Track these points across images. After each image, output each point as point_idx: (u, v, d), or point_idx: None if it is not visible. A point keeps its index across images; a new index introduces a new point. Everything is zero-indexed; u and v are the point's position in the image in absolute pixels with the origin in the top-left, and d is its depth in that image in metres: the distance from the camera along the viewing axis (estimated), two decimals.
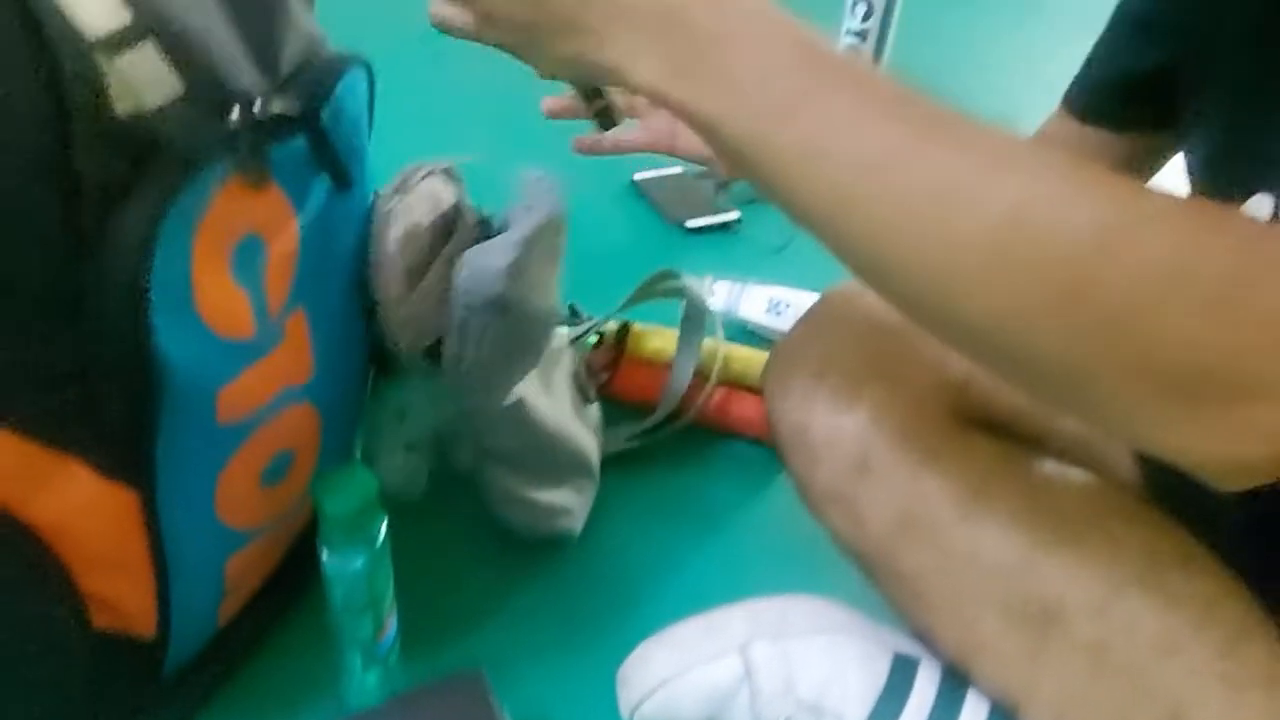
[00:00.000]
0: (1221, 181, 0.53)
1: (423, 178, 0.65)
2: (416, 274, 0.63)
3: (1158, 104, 0.60)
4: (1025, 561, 0.51)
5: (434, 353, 0.64)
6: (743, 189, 1.21)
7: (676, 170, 1.32)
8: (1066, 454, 0.58)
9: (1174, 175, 0.61)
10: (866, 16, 1.37)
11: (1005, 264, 0.35)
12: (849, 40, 1.39)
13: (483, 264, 0.60)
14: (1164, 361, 0.34)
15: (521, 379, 0.66)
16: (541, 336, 0.68)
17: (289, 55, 0.53)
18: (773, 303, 1.01)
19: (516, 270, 0.60)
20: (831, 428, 0.58)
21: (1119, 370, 0.34)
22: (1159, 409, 0.35)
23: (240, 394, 0.49)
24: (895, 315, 0.41)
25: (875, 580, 0.59)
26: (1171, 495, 0.55)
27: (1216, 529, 0.51)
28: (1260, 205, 0.47)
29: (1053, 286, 0.34)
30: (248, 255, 0.47)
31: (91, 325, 0.42)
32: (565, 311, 0.96)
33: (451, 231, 0.67)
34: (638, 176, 1.30)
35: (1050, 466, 0.56)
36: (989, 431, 0.58)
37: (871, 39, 1.38)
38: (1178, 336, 0.33)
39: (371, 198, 0.63)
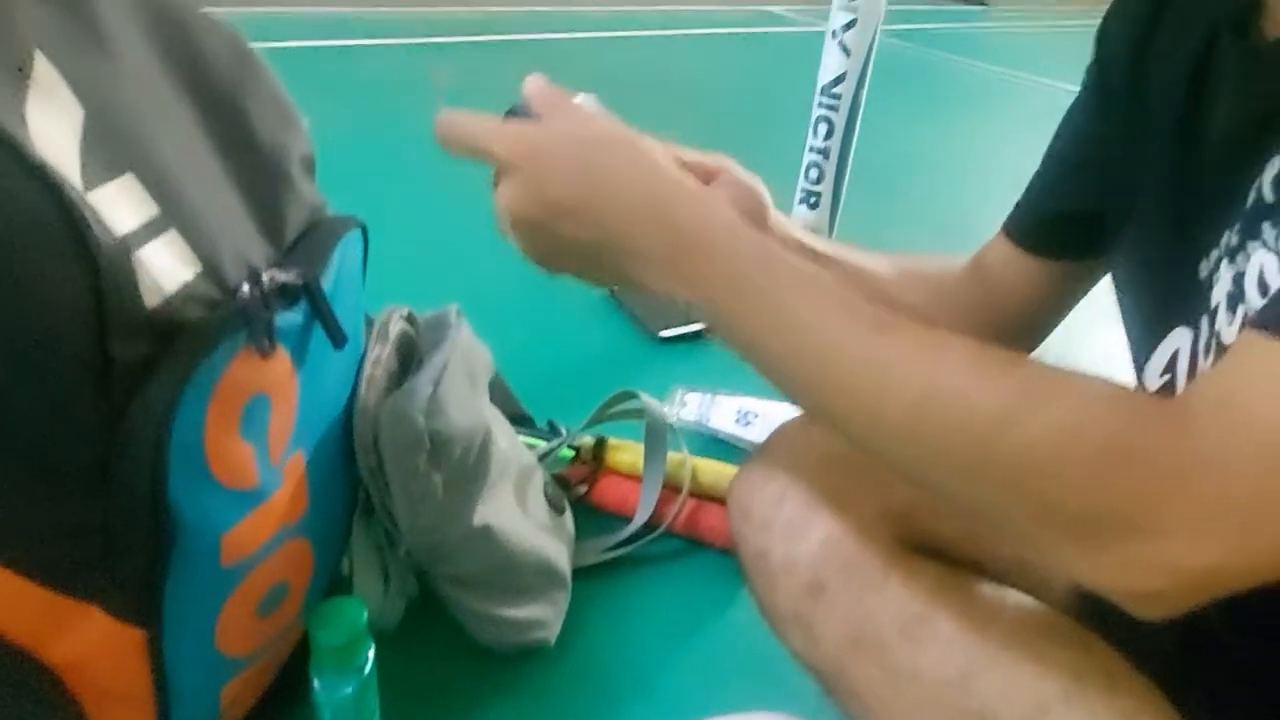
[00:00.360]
0: (1145, 314, 0.59)
1: (395, 323, 0.70)
2: None
3: (1090, 238, 0.67)
4: (963, 679, 0.55)
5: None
6: None
7: None
8: (1006, 577, 0.63)
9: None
10: (829, 135, 1.45)
11: (921, 434, 0.44)
12: (812, 157, 1.47)
13: (401, 409, 0.64)
14: (1061, 511, 0.40)
15: (477, 504, 0.69)
16: (480, 459, 0.70)
17: (293, 224, 0.59)
18: (741, 413, 1.07)
19: (436, 406, 0.65)
20: (788, 553, 0.62)
21: (1025, 516, 0.42)
22: (1064, 547, 0.41)
23: (243, 537, 0.53)
24: (845, 449, 0.49)
25: (831, 694, 0.63)
26: (1104, 615, 0.60)
27: (1146, 647, 0.55)
28: (1180, 338, 0.53)
29: (959, 453, 0.43)
30: (255, 413, 0.51)
31: (114, 484, 0.46)
32: (545, 427, 1.01)
33: None
34: (613, 286, 1.36)
35: (989, 589, 0.60)
36: (933, 556, 0.62)
37: (833, 156, 1.46)
38: (1069, 494, 0.40)
39: (364, 342, 0.68)
